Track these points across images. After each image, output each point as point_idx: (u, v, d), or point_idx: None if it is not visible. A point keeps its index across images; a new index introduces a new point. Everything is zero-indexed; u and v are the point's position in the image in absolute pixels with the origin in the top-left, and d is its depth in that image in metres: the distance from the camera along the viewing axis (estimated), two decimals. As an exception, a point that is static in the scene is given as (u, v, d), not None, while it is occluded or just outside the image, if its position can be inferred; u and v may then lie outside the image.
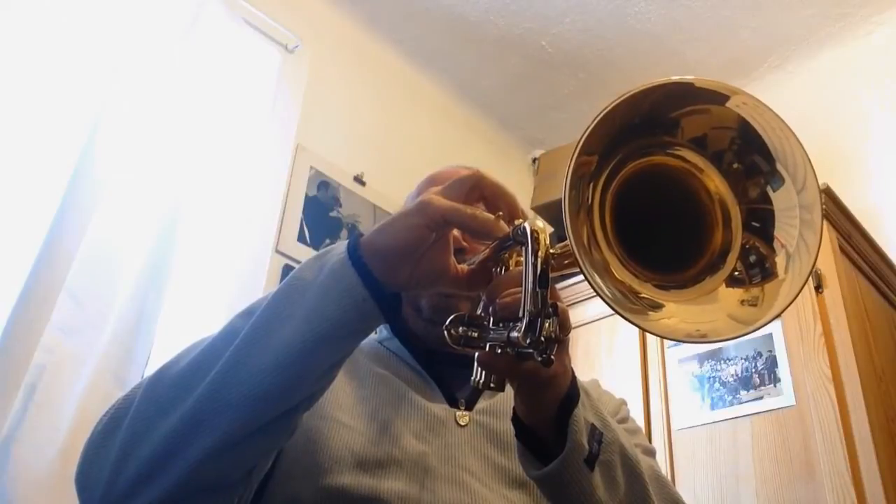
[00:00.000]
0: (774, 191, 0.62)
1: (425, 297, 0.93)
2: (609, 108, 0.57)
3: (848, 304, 1.59)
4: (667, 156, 0.63)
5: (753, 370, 1.66)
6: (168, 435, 0.62)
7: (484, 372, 0.64)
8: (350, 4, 2.54)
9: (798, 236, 0.59)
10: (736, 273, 0.61)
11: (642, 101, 0.58)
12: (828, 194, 1.71)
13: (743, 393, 1.65)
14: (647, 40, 2.57)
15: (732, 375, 1.68)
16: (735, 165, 0.63)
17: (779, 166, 0.61)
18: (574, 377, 0.69)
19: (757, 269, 0.61)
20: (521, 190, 2.83)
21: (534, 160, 3.05)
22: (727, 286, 0.61)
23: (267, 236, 1.96)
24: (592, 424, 0.67)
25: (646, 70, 2.70)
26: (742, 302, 0.60)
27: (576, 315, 2.06)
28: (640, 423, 1.76)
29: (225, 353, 0.63)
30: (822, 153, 2.37)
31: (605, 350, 1.95)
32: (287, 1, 2.34)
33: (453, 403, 0.87)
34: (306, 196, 2.16)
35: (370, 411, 0.83)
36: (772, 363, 1.63)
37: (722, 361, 1.72)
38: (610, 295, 0.56)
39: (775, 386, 1.60)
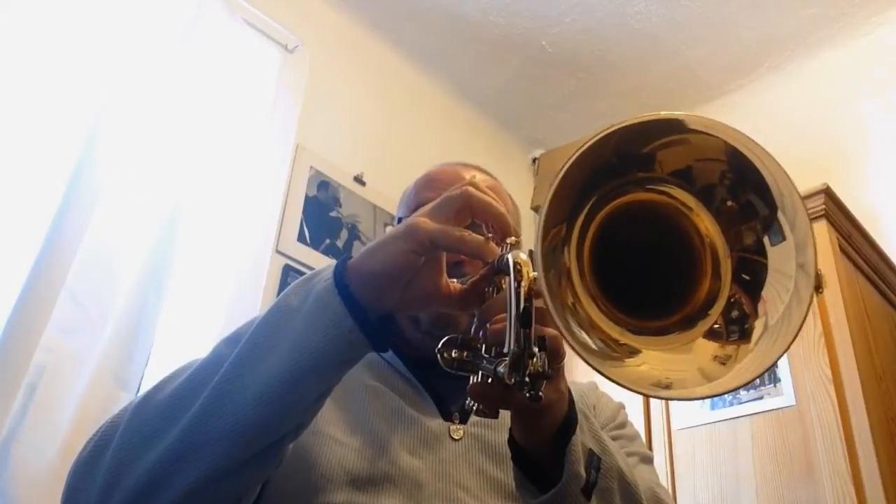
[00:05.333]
0: (773, 244, 0.57)
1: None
2: (562, 172, 0.54)
3: (848, 304, 1.60)
4: (648, 192, 0.59)
5: (753, 370, 1.65)
6: (153, 467, 0.61)
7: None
8: (350, 5, 2.54)
9: (783, 312, 0.55)
10: (716, 326, 0.58)
11: (602, 148, 0.55)
12: (828, 194, 1.71)
13: (743, 393, 1.65)
14: (647, 40, 2.57)
15: (732, 375, 1.68)
16: (729, 203, 0.58)
17: (780, 215, 0.56)
18: (571, 401, 0.67)
19: (736, 327, 0.57)
20: (521, 190, 2.83)
21: (534, 160, 3.05)
22: (705, 338, 0.58)
23: (267, 236, 1.96)
24: (591, 450, 0.66)
25: (646, 70, 2.70)
26: (715, 357, 0.57)
27: (576, 315, 2.05)
28: (640, 423, 1.76)
29: (209, 385, 0.62)
30: (822, 153, 2.37)
31: (605, 350, 1.95)
32: (287, 1, 2.34)
33: (447, 416, 0.85)
34: (306, 196, 2.16)
35: (363, 426, 0.81)
36: (772, 363, 1.63)
37: (722, 361, 1.72)
38: (594, 347, 0.55)
39: (775, 386, 1.60)
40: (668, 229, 0.59)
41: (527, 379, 0.55)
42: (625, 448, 0.86)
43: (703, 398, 0.54)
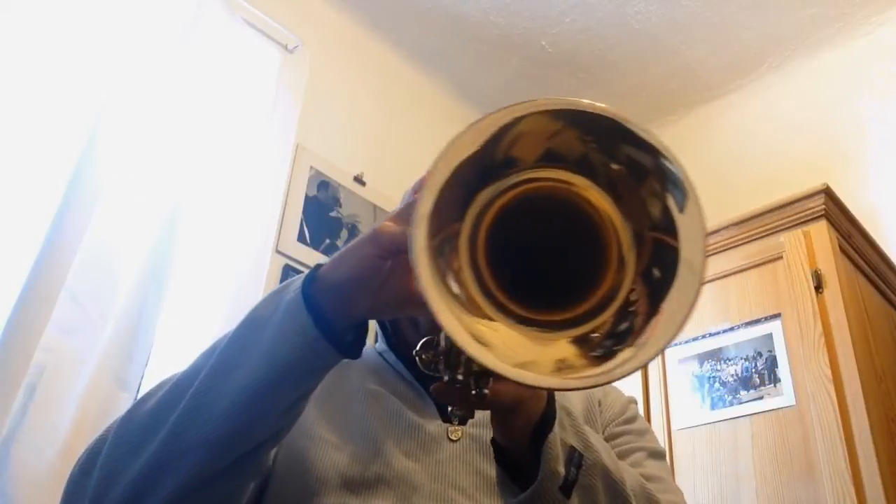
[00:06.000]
0: (680, 210, 0.49)
1: None
2: (434, 187, 0.51)
3: (848, 304, 1.59)
4: (533, 183, 0.54)
5: (753, 370, 1.65)
6: (136, 477, 0.63)
7: None
8: (350, 5, 2.54)
9: (661, 347, 0.49)
10: (594, 335, 0.52)
11: (464, 166, 0.51)
12: (828, 194, 1.71)
13: (743, 393, 1.65)
14: (647, 40, 2.57)
15: (732, 375, 1.68)
16: (614, 167, 0.52)
17: (662, 150, 0.48)
18: (550, 397, 0.66)
19: (610, 342, 0.51)
20: (521, 190, 2.83)
21: (534, 160, 3.05)
22: (570, 342, 0.52)
23: (267, 236, 1.96)
24: (572, 447, 0.65)
25: (646, 70, 2.70)
26: (559, 361, 0.51)
27: (576, 315, 2.05)
28: (640, 423, 1.76)
29: (186, 396, 0.64)
30: (822, 153, 2.37)
31: (605, 350, 1.95)
32: (287, 1, 2.34)
33: (448, 418, 0.84)
34: (306, 196, 2.16)
35: (360, 430, 0.82)
36: (772, 363, 1.63)
37: (722, 361, 1.72)
38: (455, 291, 0.51)
39: (775, 386, 1.60)
40: (569, 216, 0.55)
41: (459, 376, 0.54)
42: (632, 443, 0.85)
43: (501, 373, 0.48)
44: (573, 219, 0.55)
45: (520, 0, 2.48)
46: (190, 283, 1.80)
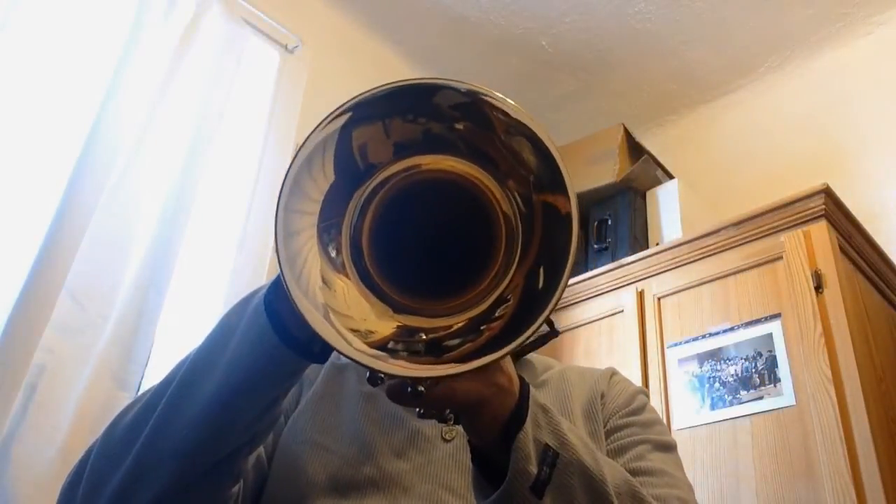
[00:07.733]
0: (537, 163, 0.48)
1: None
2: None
3: (848, 304, 1.59)
4: (407, 176, 0.54)
5: (753, 370, 1.65)
6: (117, 487, 0.64)
7: None
8: (350, 4, 2.54)
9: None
10: (423, 335, 0.52)
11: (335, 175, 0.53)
12: (828, 194, 1.71)
13: (743, 393, 1.65)
14: (647, 40, 2.57)
15: (732, 375, 1.68)
16: (458, 126, 0.50)
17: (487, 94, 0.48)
18: (523, 394, 0.63)
19: (424, 349, 0.51)
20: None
21: (534, 160, 3.04)
22: (395, 328, 0.52)
23: (267, 236, 1.96)
24: (546, 445, 0.61)
25: (646, 70, 2.70)
26: (369, 332, 0.51)
27: (575, 315, 2.06)
28: (640, 423, 1.76)
29: (159, 406, 0.65)
30: (822, 153, 2.37)
31: (605, 350, 1.95)
32: (287, 1, 2.34)
33: (442, 418, 0.86)
34: (306, 196, 2.16)
35: (354, 432, 0.81)
36: (772, 363, 1.63)
37: (722, 361, 1.72)
38: (331, 254, 0.53)
39: (775, 386, 1.60)
40: (450, 197, 0.55)
41: (379, 377, 0.55)
42: (635, 436, 0.83)
43: (310, 325, 0.49)
44: (456, 199, 0.55)
45: (520, 0, 2.48)
46: (190, 283, 1.80)
